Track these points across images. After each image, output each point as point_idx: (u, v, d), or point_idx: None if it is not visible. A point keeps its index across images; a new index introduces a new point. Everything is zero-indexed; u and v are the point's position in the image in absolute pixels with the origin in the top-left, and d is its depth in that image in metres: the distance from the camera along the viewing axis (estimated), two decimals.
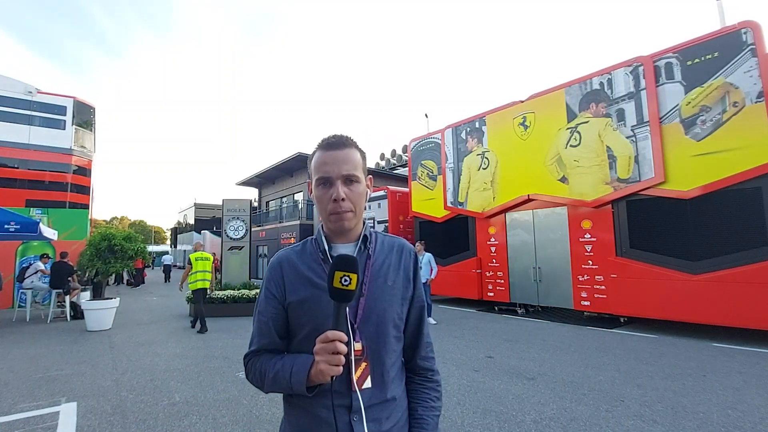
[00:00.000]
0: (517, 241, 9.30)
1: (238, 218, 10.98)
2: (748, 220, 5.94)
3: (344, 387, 0.92)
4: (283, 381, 0.92)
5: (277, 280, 1.02)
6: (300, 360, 0.92)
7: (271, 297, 1.02)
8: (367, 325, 0.97)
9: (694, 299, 6.32)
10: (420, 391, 1.06)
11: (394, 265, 1.05)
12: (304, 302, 0.98)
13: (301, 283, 1.00)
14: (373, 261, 1.03)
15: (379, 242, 1.07)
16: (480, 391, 4.08)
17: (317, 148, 1.02)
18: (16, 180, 12.01)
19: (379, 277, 1.01)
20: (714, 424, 3.21)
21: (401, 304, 1.03)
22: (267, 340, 1.02)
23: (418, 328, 1.08)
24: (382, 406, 0.95)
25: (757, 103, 5.91)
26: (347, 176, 0.96)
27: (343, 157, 0.97)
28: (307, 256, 1.03)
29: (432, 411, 1.03)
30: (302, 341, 0.98)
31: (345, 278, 0.82)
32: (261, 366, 0.99)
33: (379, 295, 0.99)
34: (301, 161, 21.73)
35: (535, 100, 8.91)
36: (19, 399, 3.96)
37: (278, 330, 1.01)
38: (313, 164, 1.01)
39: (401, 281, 1.04)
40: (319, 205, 0.99)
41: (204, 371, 4.86)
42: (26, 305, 9.23)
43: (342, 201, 0.95)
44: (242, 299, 9.28)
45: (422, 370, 1.08)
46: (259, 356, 1.02)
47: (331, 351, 0.81)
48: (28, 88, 12.44)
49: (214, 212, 37.68)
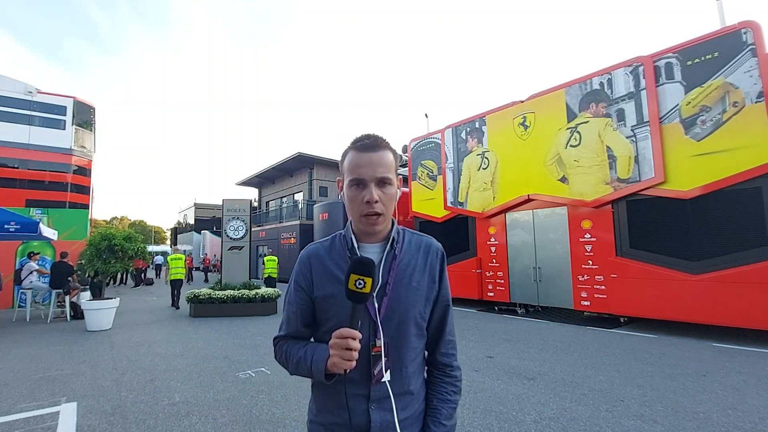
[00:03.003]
0: (517, 241, 9.30)
1: (238, 218, 10.97)
2: (748, 220, 5.94)
3: (364, 378, 0.99)
4: (304, 367, 1.01)
5: (305, 275, 1.08)
6: (320, 350, 0.99)
7: (299, 290, 1.09)
8: (389, 323, 1.01)
9: (694, 299, 6.32)
10: (437, 384, 1.10)
11: (420, 266, 1.07)
12: (329, 298, 1.03)
13: (327, 280, 1.04)
14: (399, 261, 1.05)
15: (406, 242, 1.09)
16: (480, 391, 4.08)
17: (351, 148, 1.02)
18: (16, 180, 12.00)
19: (404, 278, 1.04)
20: (714, 424, 3.21)
21: (425, 304, 1.06)
22: (294, 328, 1.10)
23: (441, 326, 1.11)
24: (398, 397, 1.01)
25: (757, 103, 5.91)
26: (381, 179, 0.98)
27: (378, 160, 0.98)
28: (335, 253, 1.07)
29: (447, 403, 1.07)
30: (326, 333, 1.02)
31: (359, 282, 0.87)
32: (287, 350, 1.08)
33: (403, 295, 1.03)
34: (301, 161, 21.74)
35: (535, 100, 8.91)
36: (19, 399, 3.96)
37: (304, 320, 1.09)
38: (346, 164, 1.02)
39: (426, 282, 1.07)
40: (351, 205, 1.01)
41: (204, 371, 4.86)
42: (26, 305, 9.22)
43: (375, 203, 0.97)
44: (242, 299, 9.28)
45: (441, 365, 1.11)
46: (287, 341, 1.11)
47: (343, 347, 0.88)
48: (28, 88, 12.44)
49: (214, 212, 37.70)
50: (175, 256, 11.41)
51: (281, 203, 24.63)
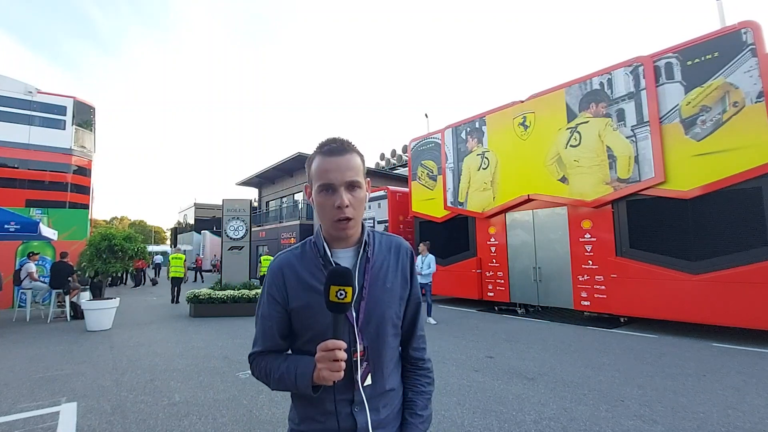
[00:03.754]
0: (517, 241, 9.30)
1: (238, 218, 10.97)
2: (748, 220, 5.94)
3: (347, 384, 0.97)
4: (288, 382, 0.97)
5: (278, 285, 1.04)
6: (303, 362, 0.96)
7: (273, 301, 1.04)
8: (368, 327, 1.01)
9: (694, 299, 6.32)
10: (412, 378, 1.13)
11: (392, 267, 1.08)
12: (306, 308, 1.00)
13: (303, 289, 1.02)
14: (373, 264, 1.04)
15: (377, 243, 1.09)
16: (480, 391, 4.08)
17: (317, 153, 1.01)
18: (16, 180, 11.99)
19: (378, 280, 1.04)
20: (714, 424, 3.21)
21: (399, 304, 1.07)
22: (270, 342, 1.06)
23: (414, 322, 1.14)
24: (380, 397, 1.02)
25: (757, 103, 5.91)
26: (350, 183, 0.97)
27: (346, 164, 0.97)
28: (308, 261, 1.04)
29: (422, 395, 1.10)
30: (306, 343, 1.02)
31: (341, 292, 0.85)
32: (266, 366, 1.03)
33: (379, 297, 1.03)
34: (301, 161, 21.71)
35: (535, 100, 8.91)
36: (19, 399, 3.96)
37: (281, 332, 1.05)
38: (313, 169, 1.00)
39: (399, 282, 1.08)
40: (321, 211, 1.00)
41: (204, 371, 4.86)
42: (26, 305, 9.22)
43: (346, 208, 0.96)
44: (242, 299, 9.28)
45: (414, 360, 1.14)
46: (264, 356, 1.06)
47: (331, 359, 0.86)
48: (28, 88, 12.43)
49: (214, 212, 37.66)
50: (175, 256, 12.55)
51: (281, 203, 24.62)
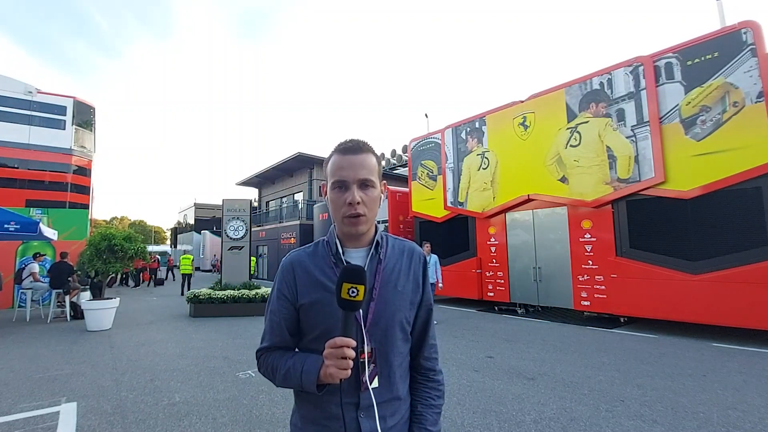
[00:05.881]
0: (517, 241, 9.30)
1: (238, 218, 10.97)
2: (748, 220, 5.94)
3: (353, 386, 0.96)
4: (294, 379, 0.97)
5: (289, 282, 1.05)
6: (310, 360, 0.96)
7: (282, 298, 1.05)
8: (376, 329, 1.00)
9: (694, 299, 6.32)
10: (421, 389, 1.09)
11: (404, 270, 1.07)
12: (315, 305, 1.01)
13: (313, 286, 1.02)
14: (384, 266, 1.04)
15: (390, 246, 1.09)
16: (480, 391, 4.08)
17: (334, 152, 1.03)
18: (16, 180, 11.99)
19: (390, 282, 1.04)
20: (714, 424, 3.21)
21: (410, 308, 1.06)
22: (278, 338, 1.06)
23: (424, 330, 1.11)
24: (387, 404, 1.00)
25: (757, 103, 5.91)
26: (363, 181, 0.98)
27: (360, 162, 0.98)
28: (320, 259, 1.05)
29: (431, 408, 1.07)
30: (313, 341, 1.02)
31: (353, 290, 0.85)
32: (272, 362, 1.04)
33: (389, 299, 1.02)
34: (301, 161, 21.73)
35: (535, 100, 8.91)
36: (19, 399, 3.96)
37: (289, 329, 1.05)
38: (329, 167, 1.02)
39: (411, 286, 1.07)
40: (334, 208, 1.01)
41: (204, 371, 4.86)
42: (26, 305, 9.22)
43: (357, 205, 0.96)
44: (242, 299, 9.28)
45: (424, 370, 1.11)
46: (271, 352, 1.06)
47: (339, 356, 0.85)
48: (28, 88, 12.42)
49: (214, 212, 37.73)
50: (185, 256, 15.98)
51: (281, 203, 24.62)
